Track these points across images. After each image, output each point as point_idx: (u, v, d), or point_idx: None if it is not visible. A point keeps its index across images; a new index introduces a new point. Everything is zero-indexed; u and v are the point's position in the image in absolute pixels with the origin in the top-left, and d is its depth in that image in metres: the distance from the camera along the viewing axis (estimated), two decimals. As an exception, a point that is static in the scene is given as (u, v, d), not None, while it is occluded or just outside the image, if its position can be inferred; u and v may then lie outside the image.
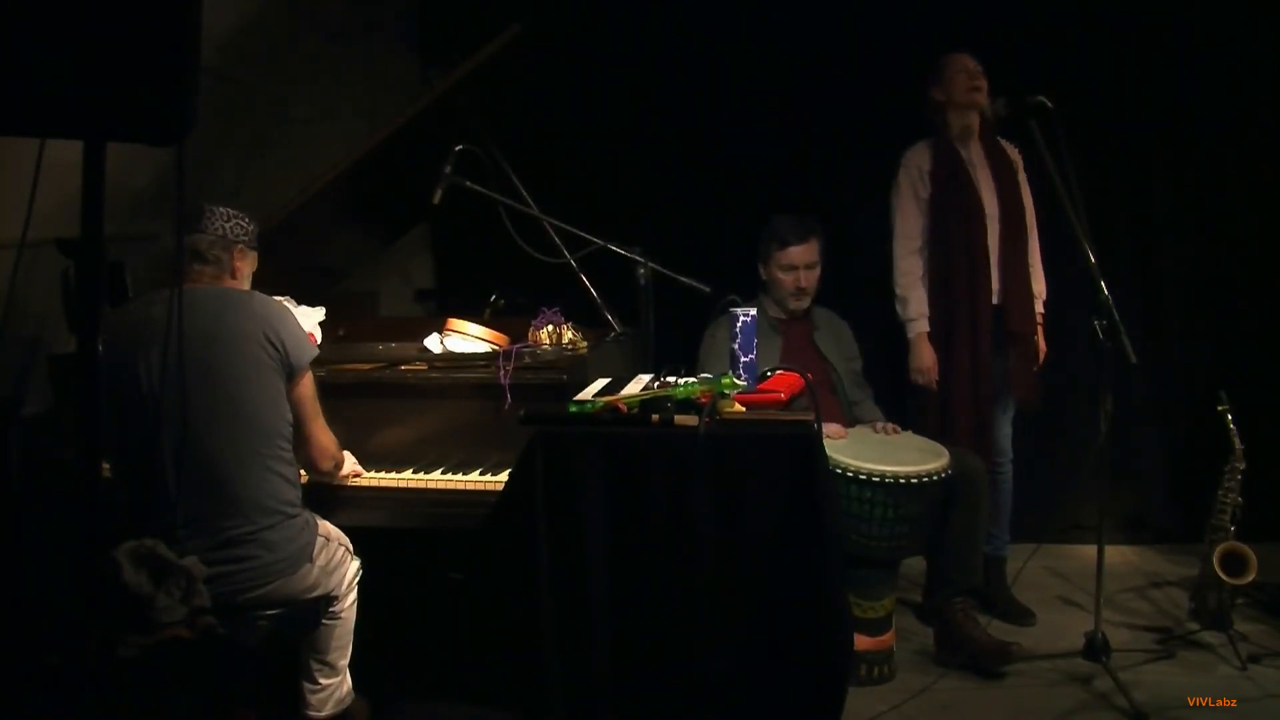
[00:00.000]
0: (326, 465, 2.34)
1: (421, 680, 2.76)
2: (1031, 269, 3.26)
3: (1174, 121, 3.80)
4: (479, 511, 2.22)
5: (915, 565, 3.27)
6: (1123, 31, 3.74)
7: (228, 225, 2.27)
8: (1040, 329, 3.29)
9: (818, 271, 3.22)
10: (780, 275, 3.20)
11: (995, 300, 3.18)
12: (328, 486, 2.45)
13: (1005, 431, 3.33)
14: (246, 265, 2.34)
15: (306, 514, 2.27)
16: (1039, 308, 3.30)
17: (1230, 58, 3.72)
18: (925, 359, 3.21)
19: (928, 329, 3.23)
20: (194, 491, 2.06)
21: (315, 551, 2.24)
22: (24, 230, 1.46)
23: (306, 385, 2.26)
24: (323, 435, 2.31)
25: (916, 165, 3.24)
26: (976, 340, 3.16)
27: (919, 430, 3.12)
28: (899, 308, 3.27)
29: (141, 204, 2.67)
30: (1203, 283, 3.90)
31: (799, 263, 3.19)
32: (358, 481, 2.47)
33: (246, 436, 2.14)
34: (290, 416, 2.23)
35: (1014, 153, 3.27)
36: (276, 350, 2.18)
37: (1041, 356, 3.29)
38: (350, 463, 2.45)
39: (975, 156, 3.23)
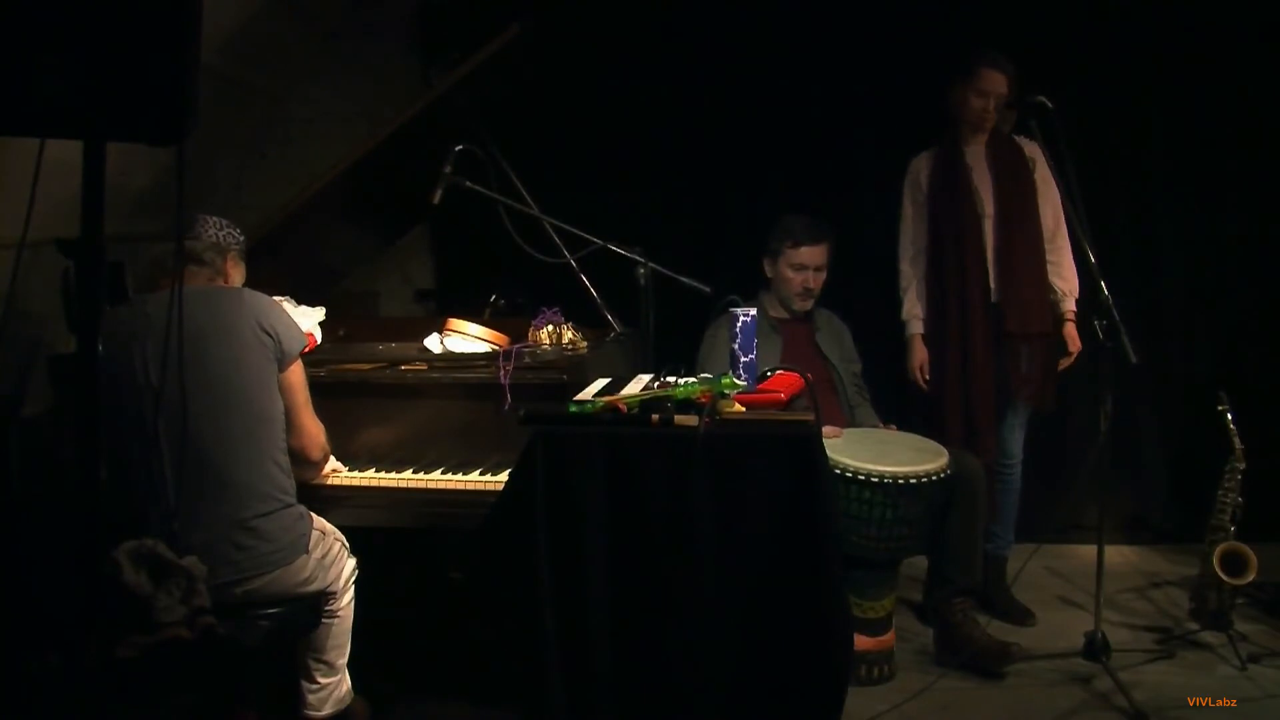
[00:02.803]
0: (316, 455, 2.38)
1: (421, 680, 2.76)
2: (1055, 266, 3.22)
3: (1174, 121, 3.80)
4: (479, 511, 2.21)
5: (915, 565, 3.27)
6: (1123, 31, 3.74)
7: (220, 234, 2.33)
8: (1073, 324, 3.24)
9: (824, 275, 3.23)
10: (789, 273, 3.21)
11: (994, 299, 3.18)
12: (324, 485, 2.46)
13: (1014, 434, 3.30)
14: (237, 273, 2.39)
15: (301, 506, 2.29)
16: (1070, 305, 3.25)
17: (1231, 57, 3.72)
18: (913, 358, 3.30)
19: (921, 330, 3.28)
20: (191, 479, 2.09)
21: (311, 544, 2.26)
22: (24, 230, 1.46)
23: (297, 373, 2.31)
24: (312, 424, 2.35)
25: (916, 171, 3.30)
26: (968, 340, 3.16)
27: (918, 431, 3.12)
28: (900, 310, 3.33)
29: (141, 204, 2.67)
30: (1203, 283, 3.90)
31: (809, 263, 3.19)
32: (357, 481, 2.48)
33: (243, 424, 2.18)
34: (283, 405, 2.27)
35: (1032, 149, 3.20)
36: (270, 338, 2.23)
37: (1075, 351, 3.23)
38: (330, 460, 2.47)
39: (977, 156, 3.23)
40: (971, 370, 3.16)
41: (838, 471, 2.65)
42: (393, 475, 2.47)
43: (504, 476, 2.27)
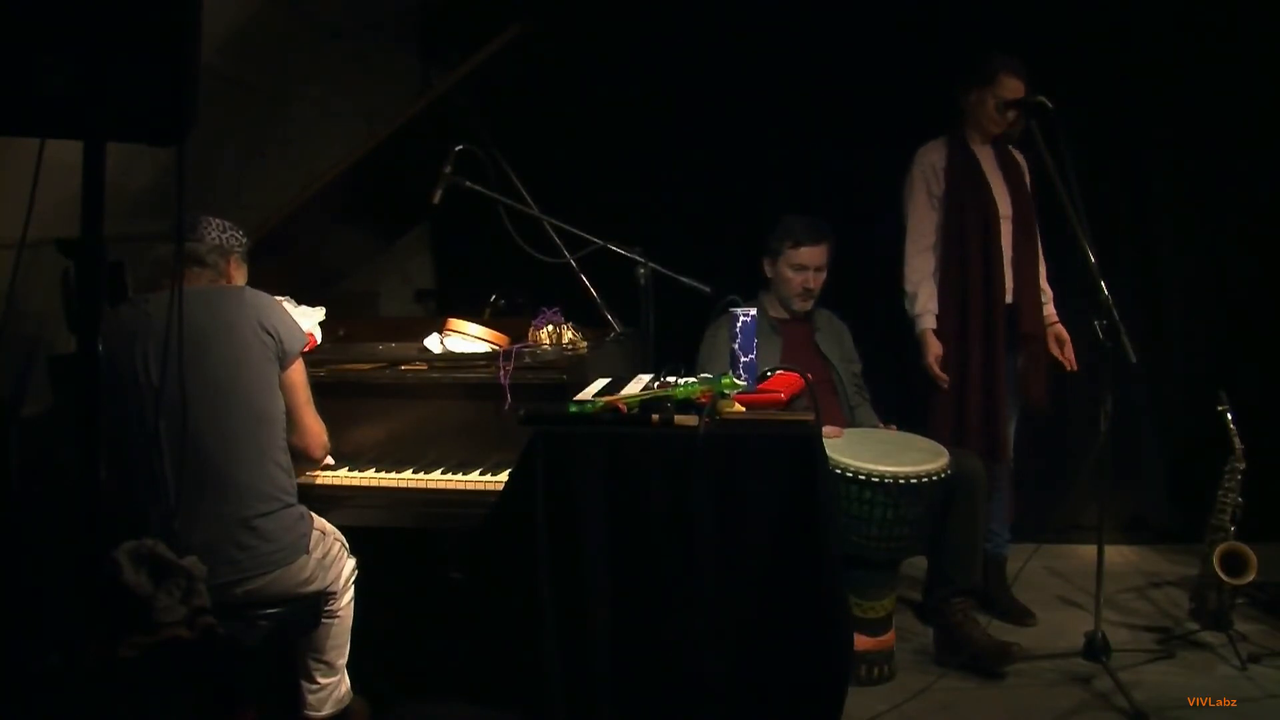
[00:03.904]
0: (318, 453, 2.38)
1: (421, 680, 2.76)
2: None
3: (1174, 122, 3.80)
4: (479, 511, 2.22)
5: (915, 565, 3.27)
6: (1122, 31, 3.75)
7: (223, 236, 2.33)
8: (1060, 325, 3.28)
9: (824, 276, 3.23)
10: (789, 274, 3.21)
11: (1009, 300, 3.18)
12: (324, 485, 2.46)
13: (1011, 431, 3.32)
14: (240, 275, 2.39)
15: (302, 506, 2.29)
16: (1052, 309, 3.30)
17: (1230, 57, 3.72)
18: (930, 352, 3.19)
19: (934, 324, 3.22)
20: (192, 479, 2.09)
21: (311, 544, 2.26)
22: (24, 230, 1.46)
23: (298, 371, 2.32)
24: (314, 422, 2.35)
25: (930, 163, 3.24)
26: (990, 339, 3.15)
27: (930, 429, 3.12)
28: (907, 304, 3.26)
29: (141, 204, 2.67)
30: (1203, 283, 3.90)
31: (810, 264, 3.19)
32: (357, 481, 2.48)
33: (244, 424, 2.18)
34: (284, 405, 2.27)
35: (1021, 158, 3.27)
36: (271, 337, 2.23)
37: (1069, 353, 3.26)
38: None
39: (987, 158, 3.23)
40: (994, 371, 3.15)
41: (838, 471, 2.65)
42: (393, 475, 2.47)
43: (504, 476, 2.28)
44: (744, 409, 2.04)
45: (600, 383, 2.31)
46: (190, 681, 1.94)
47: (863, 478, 2.66)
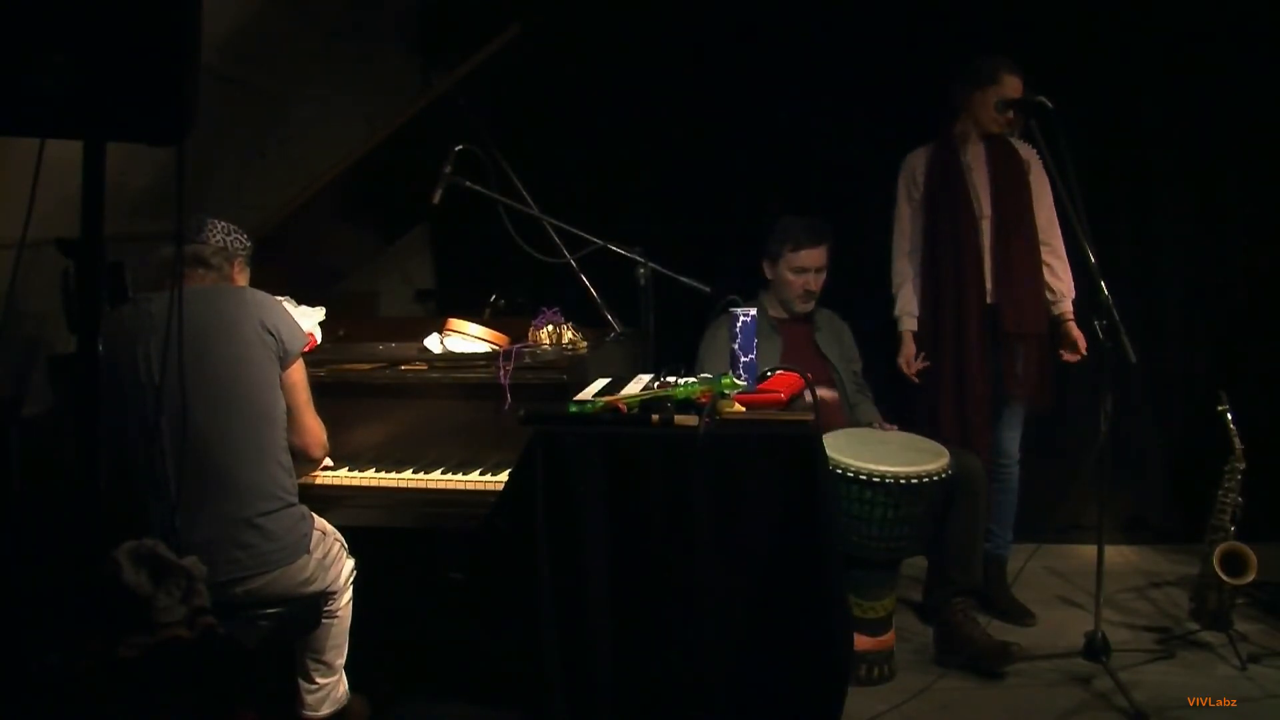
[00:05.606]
0: (318, 453, 2.39)
1: (421, 680, 2.76)
2: (1049, 268, 3.23)
3: (1174, 121, 3.80)
4: (479, 511, 2.22)
5: (915, 565, 3.27)
6: (1123, 31, 3.75)
7: (228, 239, 2.34)
8: (1073, 324, 3.24)
9: (824, 276, 3.24)
10: (790, 276, 3.21)
11: (989, 300, 3.18)
12: (324, 485, 2.46)
13: (1010, 434, 3.30)
14: (243, 279, 2.40)
15: (303, 506, 2.30)
16: (1067, 306, 3.25)
17: (1231, 57, 3.72)
18: (902, 354, 3.29)
19: (913, 327, 3.28)
20: (194, 477, 2.10)
21: (312, 544, 2.26)
22: (24, 230, 1.46)
23: (299, 371, 2.32)
24: (314, 422, 2.36)
25: (912, 168, 3.29)
26: (963, 339, 3.16)
27: (914, 430, 3.12)
28: (892, 306, 3.33)
29: (141, 204, 2.67)
30: (1203, 283, 3.90)
31: (810, 265, 3.20)
32: (357, 481, 2.48)
33: (246, 423, 2.19)
34: (284, 405, 2.28)
35: (1027, 152, 3.23)
36: (272, 337, 2.24)
37: (1084, 349, 3.22)
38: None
39: (974, 156, 3.23)
40: (967, 369, 3.16)
41: (838, 471, 2.65)
42: (393, 475, 2.47)
43: (504, 476, 2.28)
44: (744, 409, 2.04)
45: (600, 383, 2.31)
46: (190, 681, 1.94)
47: (863, 478, 2.66)
